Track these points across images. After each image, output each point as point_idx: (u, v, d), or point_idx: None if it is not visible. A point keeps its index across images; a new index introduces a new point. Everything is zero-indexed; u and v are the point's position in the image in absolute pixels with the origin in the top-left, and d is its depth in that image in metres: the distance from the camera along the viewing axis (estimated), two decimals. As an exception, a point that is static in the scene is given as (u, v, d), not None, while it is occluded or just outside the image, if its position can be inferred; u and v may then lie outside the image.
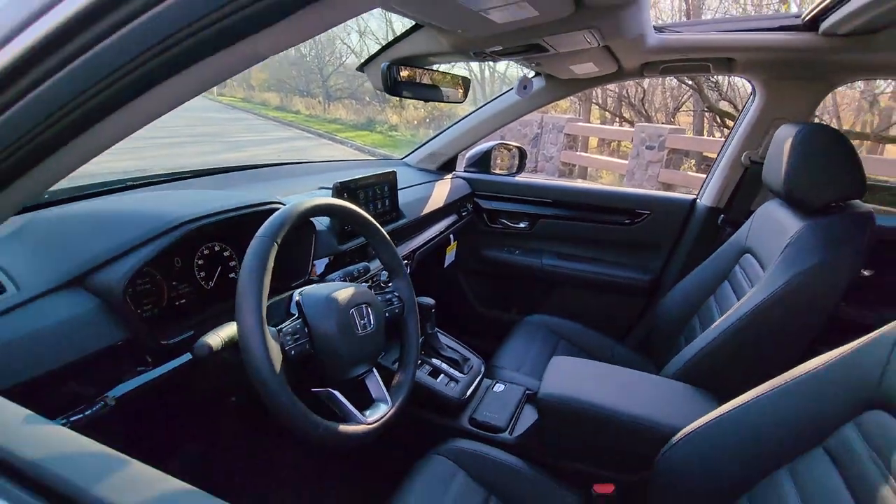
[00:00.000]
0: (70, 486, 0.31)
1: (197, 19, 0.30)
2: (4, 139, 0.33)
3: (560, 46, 0.94)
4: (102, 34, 0.30)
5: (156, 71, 0.33)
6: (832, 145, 0.94)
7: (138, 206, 0.77)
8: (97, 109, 0.34)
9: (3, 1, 0.33)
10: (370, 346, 0.71)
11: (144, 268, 0.64)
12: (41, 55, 0.31)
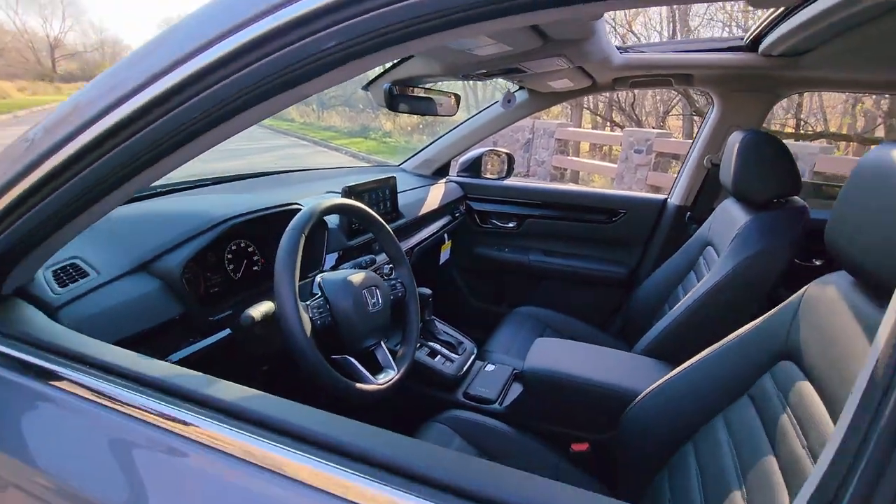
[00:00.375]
0: (188, 389, 0.45)
1: (265, 78, 0.44)
2: (136, 151, 0.47)
3: (536, 68, 1.09)
4: (200, 90, 0.45)
5: (230, 112, 0.47)
6: (771, 149, 1.10)
7: (185, 206, 0.91)
8: (189, 136, 0.48)
9: (139, 55, 0.48)
10: (380, 320, 0.85)
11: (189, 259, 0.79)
12: (160, 102, 0.45)
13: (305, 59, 0.41)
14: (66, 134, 0.51)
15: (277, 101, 0.47)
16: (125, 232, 0.78)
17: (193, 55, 0.44)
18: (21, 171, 0.53)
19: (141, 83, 0.47)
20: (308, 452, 0.38)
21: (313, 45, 0.41)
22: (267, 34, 0.41)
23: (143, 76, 0.47)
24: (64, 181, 0.52)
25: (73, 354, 0.51)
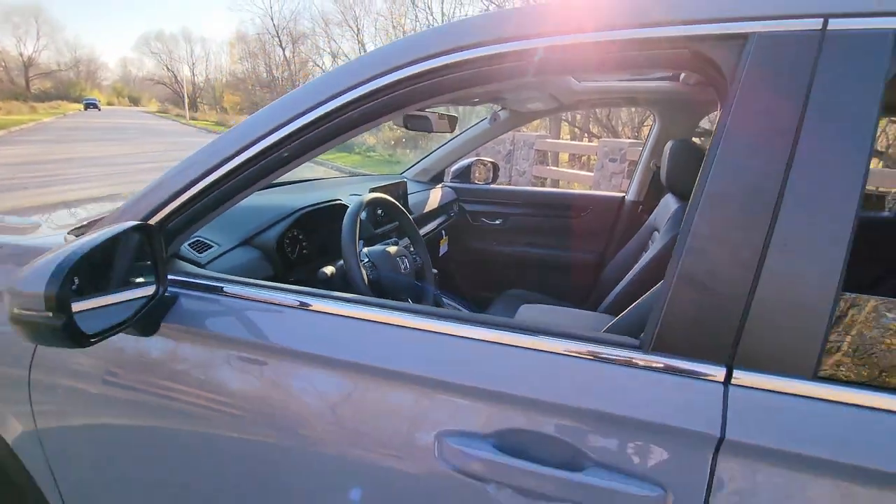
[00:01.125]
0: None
1: (341, 127, 0.75)
2: (268, 167, 0.77)
3: (518, 97, 1.45)
4: (304, 130, 0.76)
5: (322, 145, 0.78)
6: (692, 153, 1.47)
7: (265, 202, 1.23)
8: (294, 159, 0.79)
9: (278, 106, 0.79)
10: (410, 279, 1.18)
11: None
12: (289, 138, 0.76)
13: (366, 115, 0.73)
14: (227, 155, 0.81)
15: (350, 135, 0.78)
16: (230, 219, 1.10)
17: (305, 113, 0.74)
18: (195, 177, 0.82)
19: (279, 123, 0.77)
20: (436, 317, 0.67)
21: (371, 110, 0.72)
22: (347, 103, 0.72)
23: (282, 118, 0.77)
24: (224, 184, 0.82)
25: (226, 280, 0.81)
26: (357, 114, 0.73)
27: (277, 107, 0.77)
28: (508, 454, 0.55)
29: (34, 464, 0.89)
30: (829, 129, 0.51)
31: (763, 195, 0.52)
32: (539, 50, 0.63)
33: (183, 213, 0.80)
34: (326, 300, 0.71)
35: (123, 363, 0.79)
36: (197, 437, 0.75)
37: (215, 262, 0.97)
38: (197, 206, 0.79)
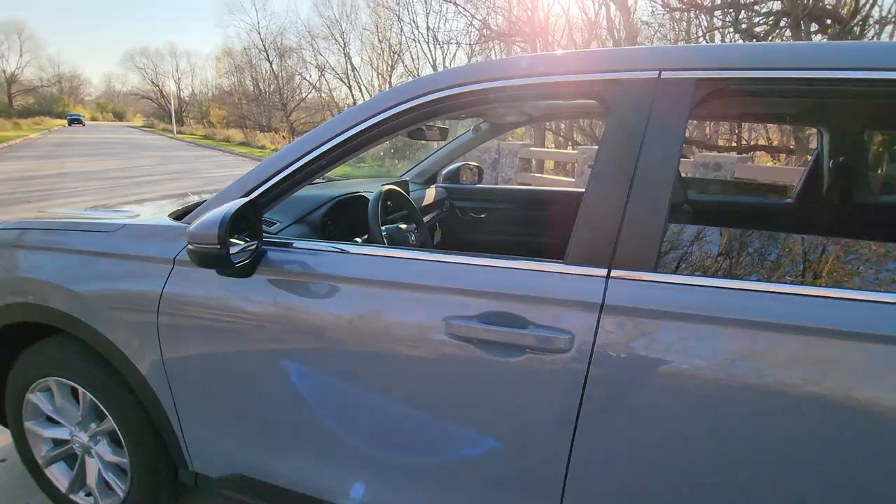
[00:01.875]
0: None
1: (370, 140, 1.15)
2: (324, 165, 1.16)
3: (494, 113, 1.86)
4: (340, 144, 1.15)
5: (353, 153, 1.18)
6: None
7: (308, 192, 1.60)
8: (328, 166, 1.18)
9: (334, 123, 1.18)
10: (416, 247, 1.57)
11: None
12: (341, 144, 1.16)
13: (386, 130, 1.13)
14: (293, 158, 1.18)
15: (374, 144, 1.17)
16: (286, 205, 1.47)
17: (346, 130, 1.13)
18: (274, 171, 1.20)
19: (329, 137, 1.15)
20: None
21: (390, 127, 1.12)
22: (376, 123, 1.11)
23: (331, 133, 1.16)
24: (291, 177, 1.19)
25: (294, 239, 1.19)
26: (380, 130, 1.12)
27: (327, 125, 1.17)
28: (484, 323, 0.94)
29: (159, 386, 1.25)
30: (659, 134, 0.92)
31: (624, 173, 0.92)
32: (501, 89, 1.04)
33: (269, 194, 1.18)
34: (358, 247, 1.12)
35: (228, 301, 1.16)
36: (278, 350, 1.12)
37: (280, 234, 1.36)
38: (276, 190, 1.18)
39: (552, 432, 0.92)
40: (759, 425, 0.81)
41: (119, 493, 1.45)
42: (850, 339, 0.78)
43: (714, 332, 0.84)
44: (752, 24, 10.13)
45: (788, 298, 0.82)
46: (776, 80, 0.89)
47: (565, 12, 13.82)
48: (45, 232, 1.40)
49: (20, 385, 1.47)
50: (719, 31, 11.33)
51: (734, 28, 11.01)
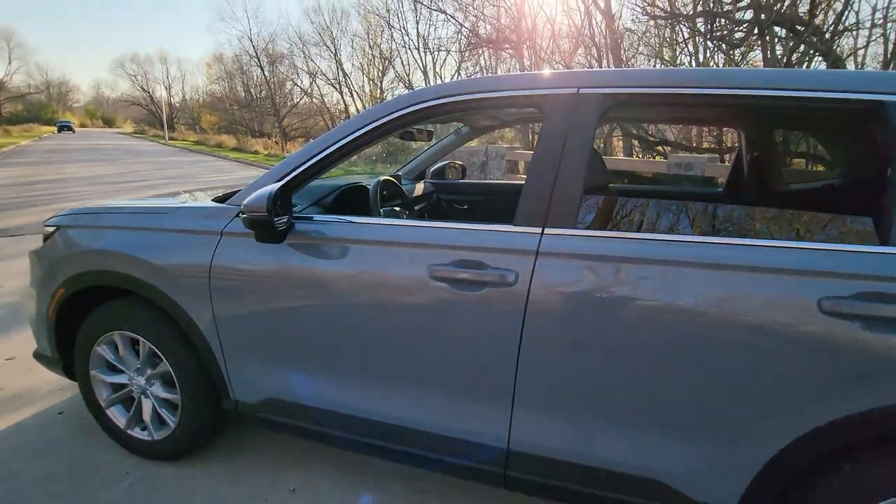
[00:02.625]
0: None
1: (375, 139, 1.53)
2: (336, 159, 1.54)
3: (472, 118, 2.25)
4: (357, 140, 1.53)
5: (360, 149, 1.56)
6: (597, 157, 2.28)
7: (322, 182, 1.97)
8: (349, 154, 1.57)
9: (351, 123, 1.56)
10: None
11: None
12: (352, 142, 1.54)
13: (384, 132, 1.51)
14: (313, 153, 1.56)
15: (375, 143, 1.56)
16: (305, 191, 1.83)
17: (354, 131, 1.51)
18: (299, 163, 1.57)
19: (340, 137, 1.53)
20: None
21: (387, 129, 1.50)
22: (377, 126, 1.49)
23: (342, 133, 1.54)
24: (312, 168, 1.57)
25: (313, 214, 1.56)
26: (381, 131, 1.51)
27: (337, 129, 1.55)
28: (456, 267, 1.33)
29: (210, 333, 1.61)
30: (577, 133, 1.31)
31: (554, 160, 1.31)
32: (470, 101, 1.43)
33: (296, 180, 1.55)
34: (363, 218, 1.50)
35: (263, 262, 1.53)
36: (301, 298, 1.49)
37: (301, 212, 1.74)
38: (303, 175, 1.55)
39: (506, 344, 1.30)
40: (635, 329, 1.20)
41: (171, 425, 1.80)
42: (701, 267, 1.16)
43: (611, 267, 1.22)
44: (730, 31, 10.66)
45: (663, 243, 1.21)
46: (652, 94, 1.29)
47: (551, 21, 14.32)
48: (116, 215, 1.77)
49: (89, 339, 1.83)
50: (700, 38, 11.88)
51: (710, 36, 11.56)
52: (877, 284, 1.05)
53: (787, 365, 1.10)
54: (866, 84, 1.16)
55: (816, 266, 1.10)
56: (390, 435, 1.49)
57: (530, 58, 15.92)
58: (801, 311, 1.09)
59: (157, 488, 1.74)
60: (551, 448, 1.34)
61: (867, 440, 1.10)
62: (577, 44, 14.79)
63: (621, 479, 1.29)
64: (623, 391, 1.24)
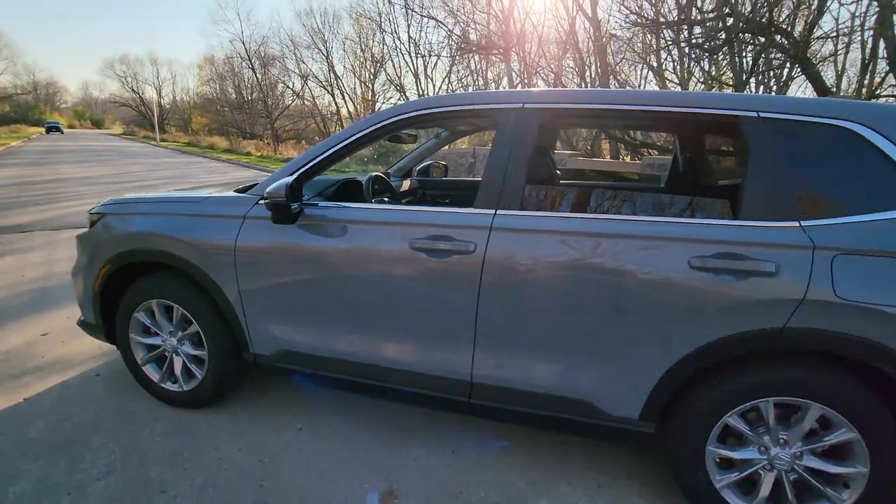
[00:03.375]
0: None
1: (373, 139, 1.94)
2: (338, 157, 1.94)
3: (450, 124, 2.66)
4: (359, 139, 1.94)
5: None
6: (540, 158, 2.70)
7: (324, 178, 2.37)
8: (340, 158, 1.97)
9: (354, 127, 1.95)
10: None
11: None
12: (349, 147, 1.94)
13: (376, 136, 1.92)
14: (320, 151, 1.97)
15: (371, 143, 1.97)
16: (311, 184, 2.22)
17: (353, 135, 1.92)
18: (309, 160, 1.97)
19: (340, 140, 1.94)
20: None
21: (379, 133, 1.91)
22: (372, 130, 1.90)
23: (343, 137, 1.95)
24: (319, 164, 1.97)
25: (319, 201, 1.96)
26: (371, 136, 1.91)
27: (337, 135, 1.95)
28: (430, 240, 1.73)
29: (235, 298, 2.00)
30: (521, 138, 1.72)
31: (504, 159, 1.72)
32: (442, 112, 1.85)
33: (305, 174, 1.95)
34: (358, 204, 1.91)
35: (278, 240, 1.93)
36: (308, 268, 1.89)
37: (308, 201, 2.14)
38: (311, 171, 1.95)
39: (467, 298, 1.71)
40: (561, 285, 1.61)
41: (198, 377, 2.19)
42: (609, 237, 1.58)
43: (544, 238, 1.64)
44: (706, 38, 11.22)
45: (581, 220, 1.63)
46: (573, 109, 1.72)
47: (537, 27, 14.81)
48: (155, 203, 2.16)
49: (130, 307, 2.21)
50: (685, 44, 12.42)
51: (688, 43, 12.11)
52: (726, 246, 1.48)
53: (672, 308, 1.52)
54: (725, 102, 1.60)
55: (689, 235, 1.52)
56: (380, 375, 1.89)
57: (519, 62, 16.42)
58: (678, 267, 1.51)
59: (187, 428, 2.13)
60: (504, 379, 1.75)
61: (726, 360, 1.53)
62: (564, 49, 15.30)
63: (557, 401, 1.70)
64: (555, 333, 1.66)
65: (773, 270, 1.43)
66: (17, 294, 3.71)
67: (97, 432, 2.08)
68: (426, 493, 1.78)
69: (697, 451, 1.60)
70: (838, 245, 1.40)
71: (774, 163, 1.52)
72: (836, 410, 1.45)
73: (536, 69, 15.71)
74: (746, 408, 1.53)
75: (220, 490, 1.77)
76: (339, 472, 1.88)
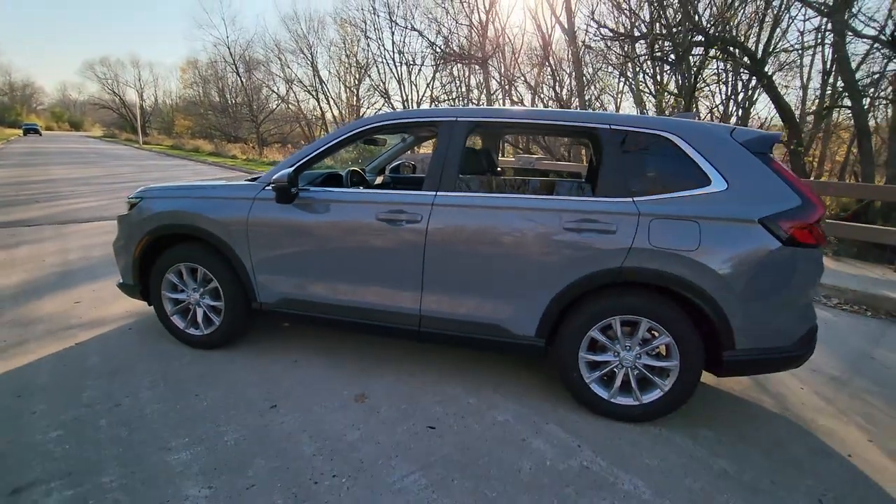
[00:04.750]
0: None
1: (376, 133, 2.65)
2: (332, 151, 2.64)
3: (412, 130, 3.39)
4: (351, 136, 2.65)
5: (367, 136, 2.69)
6: (482, 156, 3.43)
7: (312, 171, 3.06)
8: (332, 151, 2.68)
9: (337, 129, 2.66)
10: None
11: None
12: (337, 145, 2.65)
13: (356, 138, 2.64)
14: (315, 148, 2.67)
15: (351, 144, 2.68)
16: (305, 175, 2.91)
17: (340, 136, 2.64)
18: (305, 154, 2.67)
19: (328, 140, 2.65)
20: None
21: (359, 136, 2.63)
22: (353, 135, 2.62)
23: (331, 138, 2.65)
24: (313, 159, 2.67)
25: (311, 186, 2.66)
26: (348, 139, 2.64)
27: (325, 137, 2.67)
28: (390, 213, 2.45)
29: (247, 260, 2.69)
30: (455, 144, 2.46)
31: (441, 159, 2.45)
32: (403, 122, 2.59)
33: (301, 167, 2.66)
34: (338, 188, 2.63)
35: (279, 216, 2.62)
36: (301, 236, 2.59)
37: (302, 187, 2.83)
38: (304, 165, 2.67)
39: (416, 254, 2.42)
40: (477, 243, 2.34)
41: (216, 324, 2.86)
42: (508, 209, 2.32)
43: (467, 211, 2.37)
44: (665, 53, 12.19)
45: (493, 197, 2.37)
46: (489, 122, 2.47)
47: (514, 40, 15.68)
48: (183, 189, 2.84)
49: (162, 270, 2.87)
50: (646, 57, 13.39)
51: (650, 56, 13.09)
52: (588, 215, 2.22)
53: (553, 255, 2.26)
54: (590, 118, 2.36)
55: (564, 207, 2.27)
56: (358, 314, 2.60)
57: (498, 69, 17.28)
58: (556, 228, 2.25)
59: (208, 361, 2.79)
60: (442, 312, 2.47)
61: (588, 291, 2.27)
62: (542, 60, 16.12)
63: (479, 326, 2.42)
64: (476, 276, 2.38)
65: (615, 230, 2.18)
66: (44, 276, 4.31)
67: (139, 363, 2.74)
68: (388, 396, 2.49)
69: (573, 357, 2.33)
70: (653, 213, 2.16)
71: (617, 159, 2.28)
72: (659, 323, 2.20)
73: (513, 79, 16.61)
74: (603, 325, 2.27)
75: (240, 395, 2.45)
76: (325, 385, 2.57)
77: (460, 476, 1.92)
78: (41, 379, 2.53)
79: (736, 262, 2.09)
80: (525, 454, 2.07)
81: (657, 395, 2.27)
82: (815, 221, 2.12)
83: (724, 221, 2.11)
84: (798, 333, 2.20)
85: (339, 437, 2.13)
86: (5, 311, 3.41)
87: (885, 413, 2.58)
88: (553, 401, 2.49)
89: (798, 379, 2.90)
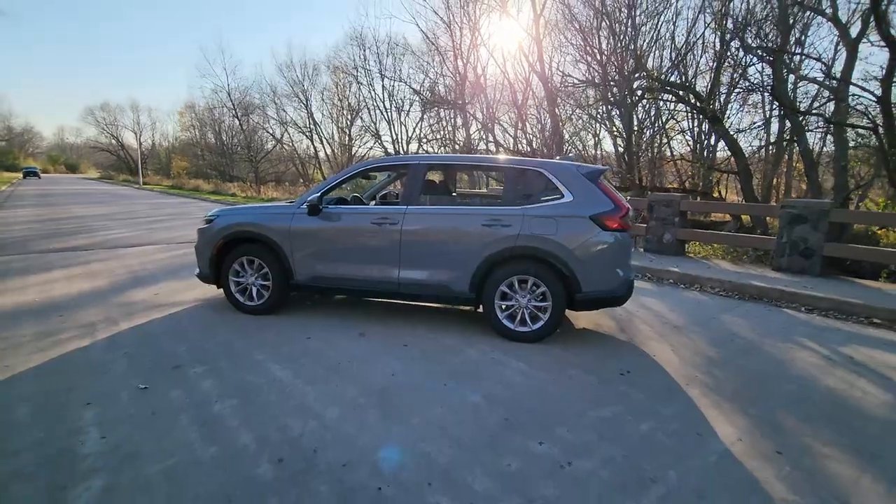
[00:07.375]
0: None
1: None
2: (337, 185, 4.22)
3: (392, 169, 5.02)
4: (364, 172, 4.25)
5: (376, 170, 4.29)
6: (439, 185, 5.03)
7: (330, 195, 4.64)
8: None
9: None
10: None
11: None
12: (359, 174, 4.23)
13: (355, 176, 4.24)
14: (328, 183, 4.26)
15: (354, 179, 4.28)
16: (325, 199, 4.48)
17: (351, 171, 4.24)
18: (324, 186, 4.25)
19: (340, 176, 4.24)
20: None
21: (358, 174, 4.23)
22: (355, 174, 4.22)
23: (340, 175, 4.24)
24: (329, 189, 4.25)
25: (331, 205, 4.24)
26: (351, 177, 4.26)
27: (337, 175, 4.28)
28: (380, 218, 4.03)
29: (289, 252, 4.25)
30: (418, 179, 4.08)
31: (410, 188, 4.07)
32: (384, 166, 4.23)
33: (324, 193, 4.26)
34: (347, 206, 4.24)
35: (311, 224, 4.20)
36: (324, 235, 4.15)
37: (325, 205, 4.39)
38: (326, 191, 4.27)
39: (395, 243, 3.98)
40: (429, 235, 3.92)
41: (265, 295, 4.37)
42: (448, 214, 3.91)
43: (425, 215, 3.97)
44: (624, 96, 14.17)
45: (439, 206, 3.97)
46: (441, 164, 4.11)
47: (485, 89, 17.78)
48: (248, 208, 4.43)
49: (230, 261, 4.40)
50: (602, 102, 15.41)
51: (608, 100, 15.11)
52: (495, 216, 3.83)
53: (476, 241, 3.85)
54: (491, 161, 4.01)
55: (482, 212, 3.89)
56: (360, 284, 4.13)
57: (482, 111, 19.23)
58: (478, 225, 3.85)
59: (260, 322, 4.27)
60: (412, 279, 4.01)
61: (498, 262, 3.85)
62: (522, 104, 17.90)
63: (434, 286, 3.97)
64: (431, 256, 3.95)
65: (510, 225, 3.78)
66: (121, 280, 5.76)
67: (216, 322, 4.21)
68: (378, 333, 3.99)
69: (491, 303, 3.88)
70: (532, 214, 3.77)
71: (514, 184, 3.91)
72: (539, 280, 3.77)
73: (492, 121, 18.62)
74: (508, 283, 3.84)
75: (285, 334, 3.93)
76: (337, 333, 4.07)
77: (425, 360, 3.42)
78: (157, 331, 4.00)
79: (578, 241, 3.68)
80: (460, 356, 3.57)
81: (540, 324, 3.81)
82: (622, 216, 3.73)
83: (570, 218, 3.71)
84: (619, 282, 3.77)
85: (347, 351, 3.62)
86: (109, 299, 4.87)
87: (693, 340, 4.11)
88: (479, 333, 4.01)
89: (648, 326, 4.44)
